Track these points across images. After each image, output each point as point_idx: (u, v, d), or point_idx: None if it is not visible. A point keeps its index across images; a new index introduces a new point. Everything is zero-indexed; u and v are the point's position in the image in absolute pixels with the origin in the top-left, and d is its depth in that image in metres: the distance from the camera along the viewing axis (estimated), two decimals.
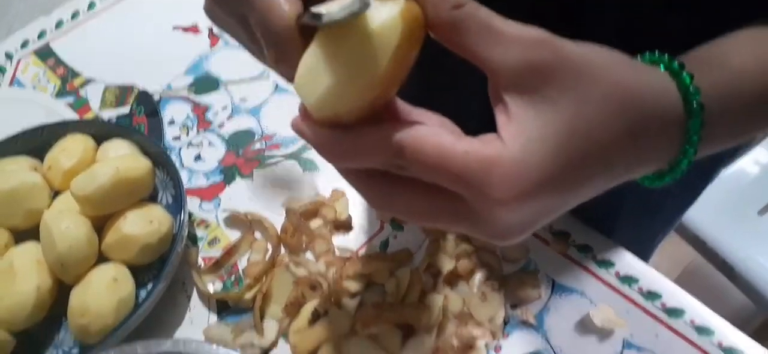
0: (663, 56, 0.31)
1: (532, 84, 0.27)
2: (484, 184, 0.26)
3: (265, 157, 0.65)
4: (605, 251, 0.55)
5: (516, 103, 0.27)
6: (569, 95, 0.27)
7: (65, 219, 0.52)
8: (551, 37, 0.27)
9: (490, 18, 0.27)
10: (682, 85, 0.30)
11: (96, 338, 0.49)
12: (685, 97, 0.30)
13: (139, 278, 0.54)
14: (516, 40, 0.27)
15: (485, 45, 0.27)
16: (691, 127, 0.30)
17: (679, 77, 0.30)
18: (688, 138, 0.30)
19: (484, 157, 0.26)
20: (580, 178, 0.28)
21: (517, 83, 0.27)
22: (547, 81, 0.27)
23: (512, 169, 0.26)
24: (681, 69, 0.30)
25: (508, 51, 0.26)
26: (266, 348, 0.52)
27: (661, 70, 0.31)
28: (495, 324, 0.51)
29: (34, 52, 0.76)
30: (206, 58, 0.74)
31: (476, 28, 0.27)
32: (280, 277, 0.55)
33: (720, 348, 0.49)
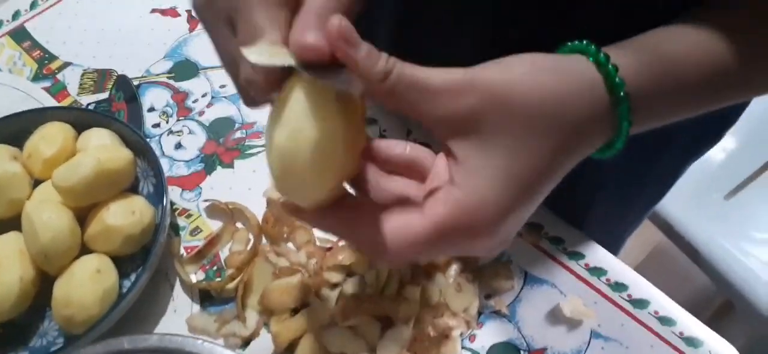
0: (589, 46, 0.33)
1: (467, 128, 0.30)
2: (458, 236, 0.31)
3: (245, 146, 0.65)
4: (576, 243, 0.57)
5: (460, 148, 0.30)
6: (504, 129, 0.30)
7: (47, 210, 0.52)
8: (474, 77, 0.30)
9: (415, 74, 0.29)
10: (607, 77, 0.32)
11: (81, 329, 0.50)
12: (611, 89, 0.32)
13: (121, 268, 0.55)
14: (442, 91, 0.29)
15: (418, 103, 0.30)
16: (620, 112, 0.33)
17: (604, 69, 0.32)
18: (619, 122, 0.33)
19: (450, 218, 0.30)
20: (534, 192, 0.32)
21: (454, 130, 0.30)
22: (480, 123, 0.30)
23: (476, 215, 0.30)
24: (607, 61, 0.32)
25: (438, 105, 0.29)
26: (248, 337, 0.53)
27: (590, 60, 0.33)
28: (469, 314, 0.53)
29: (8, 34, 0.74)
30: (185, 42, 0.74)
31: (406, 89, 0.29)
32: (261, 267, 0.56)
33: (681, 337, 0.52)
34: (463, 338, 0.53)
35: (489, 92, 0.29)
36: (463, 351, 0.52)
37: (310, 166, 0.30)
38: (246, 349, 0.53)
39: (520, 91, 0.30)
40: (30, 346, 0.53)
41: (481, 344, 0.53)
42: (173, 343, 0.44)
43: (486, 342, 0.53)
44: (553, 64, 0.32)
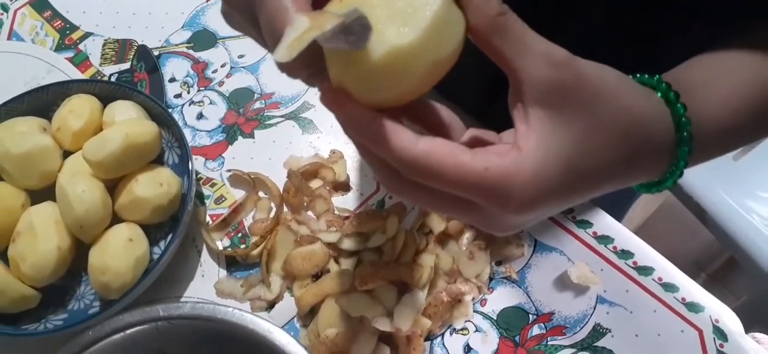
0: (661, 83, 0.34)
1: (555, 100, 0.29)
2: (503, 196, 0.29)
3: (264, 116, 0.67)
4: (584, 212, 0.60)
5: (537, 115, 0.29)
6: (585, 116, 0.29)
7: (81, 183, 0.55)
8: (574, 59, 0.29)
9: (525, 31, 0.29)
10: (675, 114, 0.33)
11: (117, 294, 0.53)
12: (678, 127, 0.33)
13: (151, 236, 0.58)
14: (545, 57, 0.29)
15: (519, 55, 0.29)
16: (680, 153, 0.33)
17: (674, 107, 0.33)
18: (676, 162, 0.34)
19: (504, 171, 0.28)
20: (582, 190, 0.31)
21: (541, 98, 0.29)
22: (568, 100, 0.29)
23: (530, 182, 0.29)
24: (677, 99, 0.33)
25: (537, 66, 0.29)
26: (273, 301, 0.57)
27: (658, 96, 0.34)
28: (481, 280, 0.56)
29: (30, 4, 0.76)
30: (203, 11, 0.75)
31: (512, 37, 0.29)
32: (284, 235, 0.59)
33: (683, 303, 0.55)
34: (475, 303, 0.56)
35: (585, 78, 0.29)
36: (475, 315, 0.55)
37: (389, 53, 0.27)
38: (271, 311, 0.56)
39: (611, 91, 0.30)
40: (68, 308, 0.57)
41: (492, 308, 0.56)
42: (205, 311, 0.48)
43: (497, 306, 0.56)
44: (635, 86, 0.33)
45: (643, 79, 0.35)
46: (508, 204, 0.29)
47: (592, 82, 0.29)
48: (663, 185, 0.35)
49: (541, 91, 0.29)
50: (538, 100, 0.29)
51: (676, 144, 0.33)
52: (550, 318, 0.55)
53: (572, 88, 0.29)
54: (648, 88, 0.34)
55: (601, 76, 0.30)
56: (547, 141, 0.29)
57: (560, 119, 0.29)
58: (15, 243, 0.54)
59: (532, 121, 0.29)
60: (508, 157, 0.29)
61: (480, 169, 0.28)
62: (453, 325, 0.55)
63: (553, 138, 0.29)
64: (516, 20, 0.29)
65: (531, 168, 0.29)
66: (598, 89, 0.30)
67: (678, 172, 0.34)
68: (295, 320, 0.56)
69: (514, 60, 0.29)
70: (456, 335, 0.55)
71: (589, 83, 0.29)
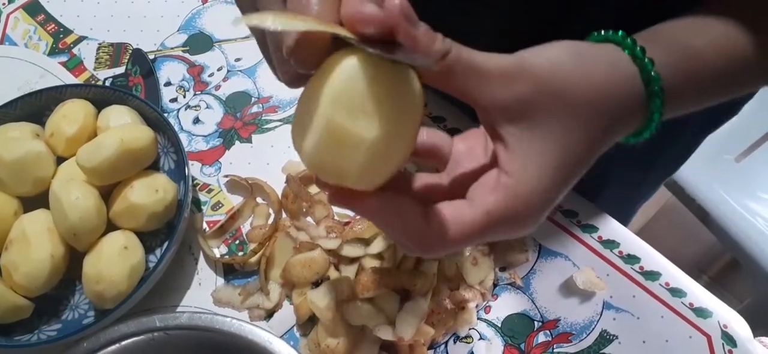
0: (625, 38, 0.34)
1: (521, 114, 0.30)
2: (511, 223, 0.31)
3: (262, 121, 0.66)
4: (590, 216, 0.59)
5: (511, 134, 0.31)
6: (554, 117, 0.30)
7: (74, 190, 0.53)
8: (523, 65, 0.30)
9: (472, 58, 0.29)
10: (644, 70, 0.33)
11: (111, 304, 0.52)
12: (647, 82, 0.33)
13: (146, 243, 0.57)
14: (497, 76, 0.29)
15: (474, 86, 0.30)
16: (653, 106, 0.34)
17: (641, 62, 0.33)
18: (651, 115, 0.34)
19: (504, 206, 0.30)
20: (573, 178, 0.33)
21: (507, 116, 0.30)
22: (532, 110, 0.30)
23: (530, 198, 0.30)
24: (643, 54, 0.33)
25: (494, 89, 0.30)
26: (272, 309, 0.55)
27: (625, 53, 0.34)
28: (485, 286, 0.55)
29: (22, 8, 0.74)
30: (198, 14, 0.74)
31: (462, 71, 0.29)
32: (282, 242, 0.58)
33: (691, 308, 0.54)
34: (478, 310, 0.55)
35: (541, 81, 0.30)
36: (479, 322, 0.54)
37: (371, 147, 0.27)
38: (270, 320, 0.55)
39: (570, 81, 0.31)
40: (62, 319, 0.55)
41: (496, 315, 0.55)
42: (203, 321, 0.46)
43: (501, 313, 0.55)
44: (595, 54, 0.33)
45: (608, 36, 0.35)
46: (519, 224, 0.31)
47: (551, 79, 0.30)
48: (640, 136, 0.36)
49: (506, 110, 0.30)
50: (505, 119, 0.31)
51: (648, 98, 0.33)
52: (556, 325, 0.54)
53: (534, 96, 0.30)
54: (612, 44, 0.34)
55: (557, 68, 0.31)
56: (528, 156, 0.30)
57: (532, 128, 0.30)
58: (7, 251, 0.53)
59: (509, 142, 0.31)
60: (501, 190, 0.31)
61: (482, 216, 0.31)
62: (457, 332, 0.54)
63: (532, 149, 0.30)
64: (460, 50, 0.29)
65: (527, 189, 0.30)
66: (559, 82, 0.30)
67: (653, 124, 0.34)
68: (295, 329, 0.55)
69: (472, 92, 0.30)
70: (460, 343, 0.54)
71: (548, 82, 0.30)
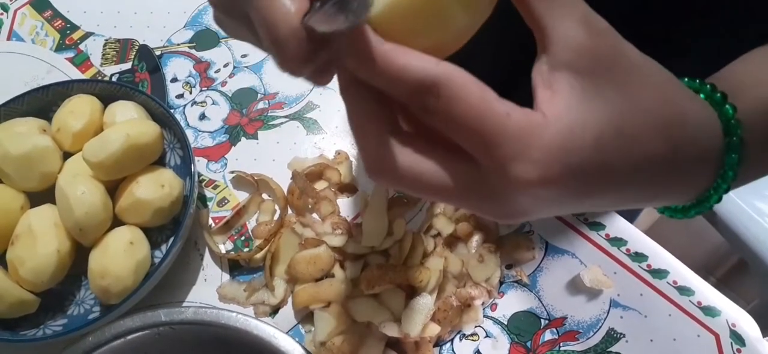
0: (705, 85, 0.30)
1: (588, 69, 0.25)
2: (513, 155, 0.24)
3: (268, 117, 0.66)
4: (597, 214, 0.58)
5: (566, 80, 0.25)
6: (620, 94, 0.25)
7: (80, 184, 0.53)
8: (615, 32, 0.26)
9: None
10: (723, 116, 0.29)
11: (117, 299, 0.52)
12: (726, 130, 0.29)
13: (152, 239, 0.57)
14: (583, 20, 0.25)
15: (554, 14, 0.25)
16: (728, 161, 0.29)
17: (721, 108, 0.29)
18: (723, 173, 0.29)
19: (525, 125, 0.24)
20: (609, 184, 0.26)
21: (572, 63, 0.25)
22: (604, 70, 0.25)
23: (551, 146, 0.24)
24: (724, 100, 0.29)
25: (571, 27, 0.25)
26: (277, 305, 0.55)
27: (702, 98, 0.30)
28: (491, 284, 0.55)
29: (30, 4, 0.75)
30: (205, 10, 0.74)
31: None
32: (288, 238, 0.57)
33: (699, 307, 0.54)
34: (485, 307, 0.54)
35: (625, 53, 0.26)
36: (485, 319, 0.54)
37: None
38: (275, 316, 0.55)
39: (652, 74, 0.27)
40: (68, 314, 0.55)
41: (502, 313, 0.54)
42: (208, 316, 0.46)
43: (507, 311, 0.54)
44: (678, 81, 0.28)
45: (685, 83, 0.30)
46: (518, 167, 0.24)
47: (632, 59, 0.26)
48: (703, 205, 0.30)
49: (573, 54, 0.25)
50: (568, 63, 0.25)
51: (723, 150, 0.28)
52: (563, 323, 0.54)
53: (610, 58, 0.25)
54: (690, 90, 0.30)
55: (643, 57, 0.26)
56: (574, 109, 0.25)
57: (593, 89, 0.25)
58: (13, 246, 0.53)
59: (559, 85, 0.25)
60: (531, 115, 0.25)
61: (502, 112, 0.24)
62: (462, 330, 0.54)
63: (581, 108, 0.25)
64: None
65: (556, 131, 0.24)
66: (639, 68, 0.26)
67: (724, 185, 0.29)
68: (300, 326, 0.54)
69: (549, 19, 0.25)
70: (466, 341, 0.53)
71: (628, 59, 0.26)
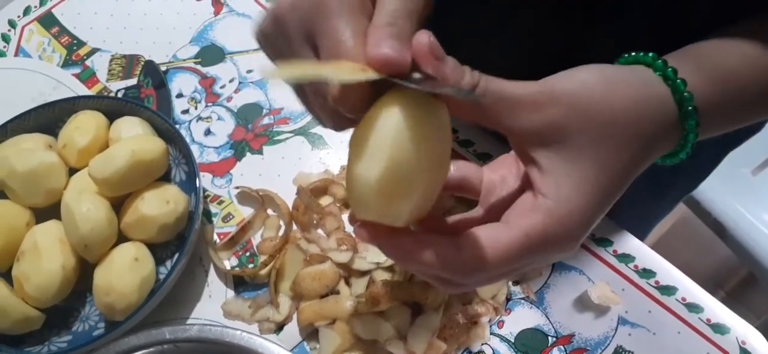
0: (656, 60, 0.34)
1: (553, 138, 0.30)
2: (551, 244, 0.30)
3: (273, 132, 0.66)
4: (605, 230, 0.58)
5: (546, 157, 0.30)
6: (588, 140, 0.30)
7: (86, 201, 0.53)
8: (553, 90, 0.30)
9: (501, 88, 0.29)
10: (676, 91, 0.33)
11: (121, 315, 0.52)
12: (680, 103, 0.33)
13: (157, 255, 0.56)
14: (527, 104, 0.30)
15: (505, 115, 0.30)
16: (688, 126, 0.33)
17: (673, 83, 0.33)
18: (686, 135, 0.34)
19: (543, 228, 0.30)
20: (611, 200, 0.32)
21: (540, 141, 0.30)
22: (565, 134, 0.30)
23: (569, 220, 0.30)
24: (675, 75, 0.33)
25: (525, 116, 0.30)
26: (282, 322, 0.55)
27: (656, 74, 0.33)
28: (498, 301, 0.54)
29: (37, 20, 0.75)
30: (211, 26, 0.74)
31: (492, 101, 0.29)
32: (293, 254, 0.57)
33: (708, 324, 0.53)
34: (491, 324, 0.54)
35: (572, 104, 0.30)
36: (492, 337, 0.53)
37: (419, 183, 0.29)
38: (279, 333, 0.55)
39: (602, 103, 0.30)
40: (73, 330, 0.55)
41: (509, 330, 0.54)
42: (212, 334, 0.46)
43: (514, 328, 0.54)
44: (625, 76, 0.32)
45: (638, 58, 0.34)
46: (558, 247, 0.31)
47: (582, 103, 0.30)
48: (677, 157, 0.35)
49: (539, 136, 0.30)
50: (538, 143, 0.30)
51: (682, 118, 0.33)
52: (570, 340, 0.53)
53: (566, 120, 0.30)
54: (642, 65, 0.34)
55: (588, 90, 0.31)
56: (563, 177, 0.30)
57: (566, 151, 0.30)
58: (19, 262, 0.53)
59: (543, 164, 0.30)
60: (538, 211, 0.30)
61: (521, 238, 0.30)
62: (469, 348, 0.53)
63: (567, 171, 0.30)
64: (488, 81, 0.29)
65: (565, 210, 0.30)
66: (591, 105, 0.30)
67: (689, 144, 0.34)
68: (305, 343, 0.54)
69: (500, 121, 0.30)
70: None
71: (579, 105, 0.30)
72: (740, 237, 0.96)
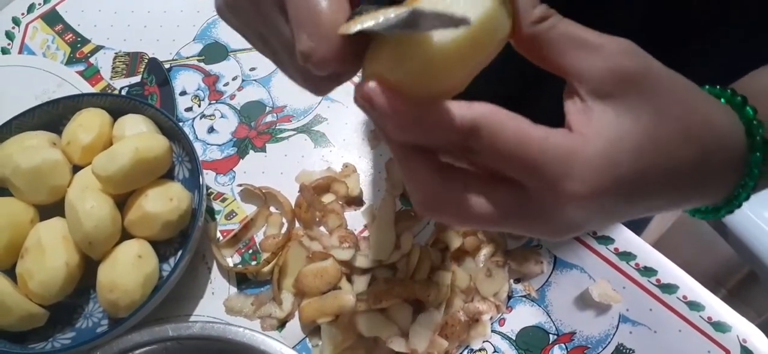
0: (725, 91, 0.31)
1: (616, 90, 0.27)
2: (562, 174, 0.26)
3: (276, 130, 0.66)
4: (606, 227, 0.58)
5: (598, 106, 0.27)
6: (650, 107, 0.27)
7: (89, 198, 0.54)
8: (635, 48, 0.27)
9: (575, 29, 0.27)
10: (745, 118, 0.30)
11: (125, 312, 0.52)
12: (749, 131, 0.30)
13: (160, 252, 0.57)
14: (600, 48, 0.27)
15: (569, 56, 0.27)
16: (753, 160, 0.30)
17: (741, 111, 0.30)
18: (749, 171, 0.30)
19: (566, 146, 0.26)
20: (649, 190, 0.28)
21: (600, 89, 0.27)
22: (630, 89, 0.27)
23: (593, 163, 0.26)
24: (744, 103, 0.30)
25: (592, 60, 0.27)
26: (284, 319, 0.55)
27: (722, 102, 0.31)
28: (499, 298, 0.54)
29: (41, 18, 0.75)
30: (214, 24, 0.75)
31: (559, 39, 0.27)
32: (296, 251, 0.57)
33: (709, 322, 0.53)
34: (493, 322, 0.54)
35: (650, 67, 0.27)
36: (493, 334, 0.54)
37: (485, 57, 0.26)
38: (282, 330, 0.55)
39: (677, 84, 0.28)
40: (76, 327, 0.56)
41: (510, 328, 0.54)
42: (215, 331, 0.46)
43: (515, 326, 0.54)
44: (699, 88, 0.30)
45: (706, 90, 0.32)
46: (565, 185, 0.26)
47: (656, 72, 0.27)
48: (732, 204, 0.32)
49: (600, 82, 0.27)
50: (597, 92, 0.27)
51: (747, 151, 0.30)
52: (571, 338, 0.53)
53: (635, 76, 0.27)
54: None
55: (666, 69, 0.28)
56: (610, 128, 0.26)
57: (624, 108, 0.27)
58: (23, 259, 0.53)
59: (592, 109, 0.27)
60: (569, 136, 0.27)
61: (539, 138, 0.26)
62: (470, 345, 0.53)
63: (616, 126, 0.26)
64: (560, 21, 0.27)
65: (592, 149, 0.26)
66: (665, 79, 0.28)
67: (752, 183, 0.30)
68: (308, 340, 0.54)
69: (566, 63, 0.27)
70: None
71: (654, 72, 0.27)
72: (741, 235, 0.96)
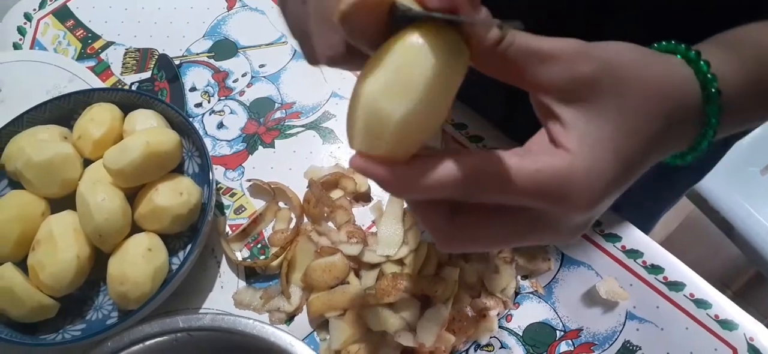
0: (679, 45, 0.33)
1: (580, 95, 0.28)
2: (561, 197, 0.28)
3: (285, 126, 0.67)
4: (613, 225, 0.58)
5: (570, 114, 0.29)
6: (615, 100, 0.29)
7: (100, 191, 0.54)
8: (587, 47, 0.29)
9: (530, 42, 0.28)
10: (699, 72, 0.32)
11: (135, 305, 0.53)
12: (703, 84, 0.32)
13: (169, 245, 0.57)
14: (557, 56, 0.28)
15: (529, 68, 0.28)
16: (710, 111, 0.32)
17: (696, 65, 0.32)
18: (708, 121, 0.32)
19: (558, 172, 0.28)
20: (635, 171, 0.30)
21: (566, 97, 0.29)
22: (594, 90, 0.28)
23: (586, 177, 0.28)
24: (698, 57, 0.32)
25: (554, 71, 0.28)
26: (292, 313, 0.55)
27: (678, 58, 0.33)
28: (507, 295, 0.55)
29: (52, 14, 0.76)
30: (224, 21, 0.75)
31: (517, 53, 0.28)
32: (304, 246, 0.58)
33: (716, 320, 0.53)
34: (500, 318, 0.54)
35: (605, 63, 0.29)
36: (500, 330, 0.54)
37: (437, 123, 0.28)
38: (290, 323, 0.55)
39: (634, 71, 0.29)
40: (87, 319, 0.56)
41: (517, 324, 0.54)
42: (225, 323, 0.47)
43: (522, 322, 0.54)
44: (654, 54, 0.32)
45: (660, 47, 0.34)
46: (568, 203, 0.28)
47: (616, 64, 0.29)
48: (697, 150, 0.34)
49: (564, 90, 0.28)
50: (564, 99, 0.29)
51: (704, 102, 0.32)
52: (578, 334, 0.53)
53: (595, 77, 0.28)
54: (665, 53, 0.33)
55: (619, 55, 0.29)
56: (586, 134, 0.28)
57: (592, 109, 0.28)
58: (34, 251, 0.54)
59: (565, 119, 0.29)
60: (557, 156, 0.28)
61: (532, 171, 0.27)
62: (477, 341, 0.54)
63: (591, 129, 0.28)
64: (515, 37, 0.28)
65: (581, 164, 0.28)
66: (621, 67, 0.29)
67: (711, 131, 0.32)
68: (316, 334, 0.55)
69: (528, 76, 0.29)
70: (480, 351, 0.53)
71: (610, 65, 0.29)
72: (748, 236, 0.96)
